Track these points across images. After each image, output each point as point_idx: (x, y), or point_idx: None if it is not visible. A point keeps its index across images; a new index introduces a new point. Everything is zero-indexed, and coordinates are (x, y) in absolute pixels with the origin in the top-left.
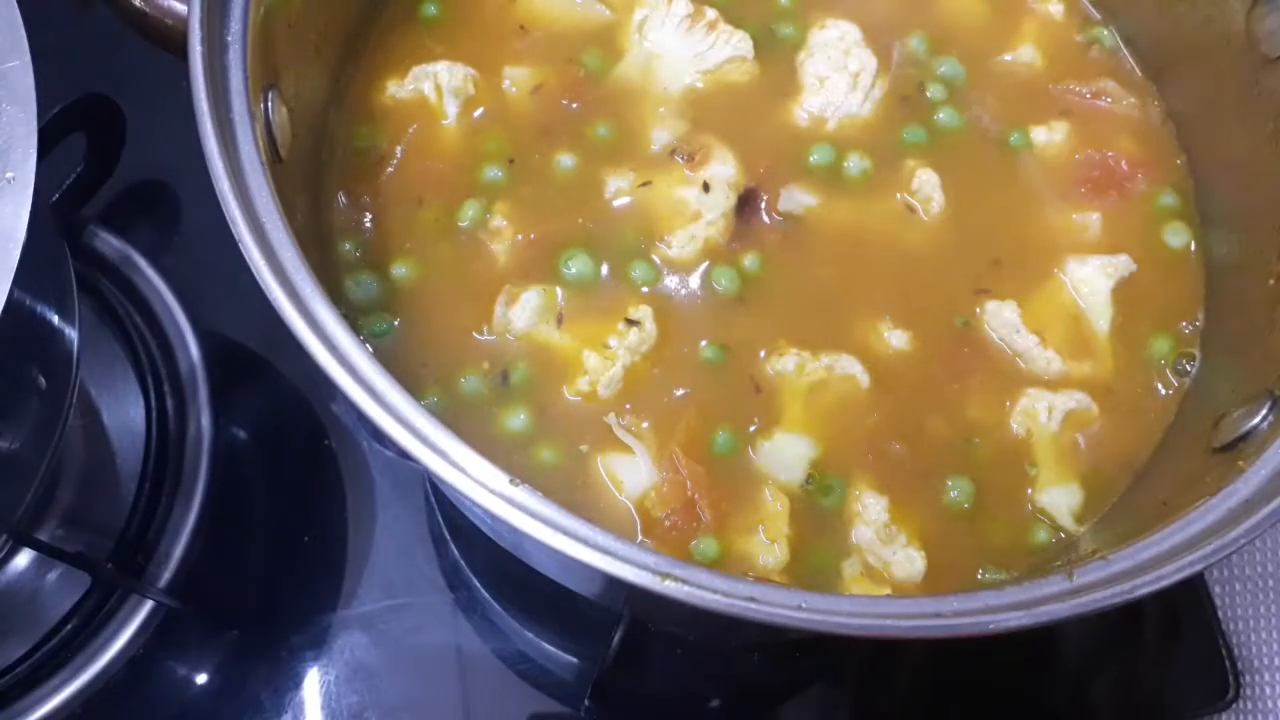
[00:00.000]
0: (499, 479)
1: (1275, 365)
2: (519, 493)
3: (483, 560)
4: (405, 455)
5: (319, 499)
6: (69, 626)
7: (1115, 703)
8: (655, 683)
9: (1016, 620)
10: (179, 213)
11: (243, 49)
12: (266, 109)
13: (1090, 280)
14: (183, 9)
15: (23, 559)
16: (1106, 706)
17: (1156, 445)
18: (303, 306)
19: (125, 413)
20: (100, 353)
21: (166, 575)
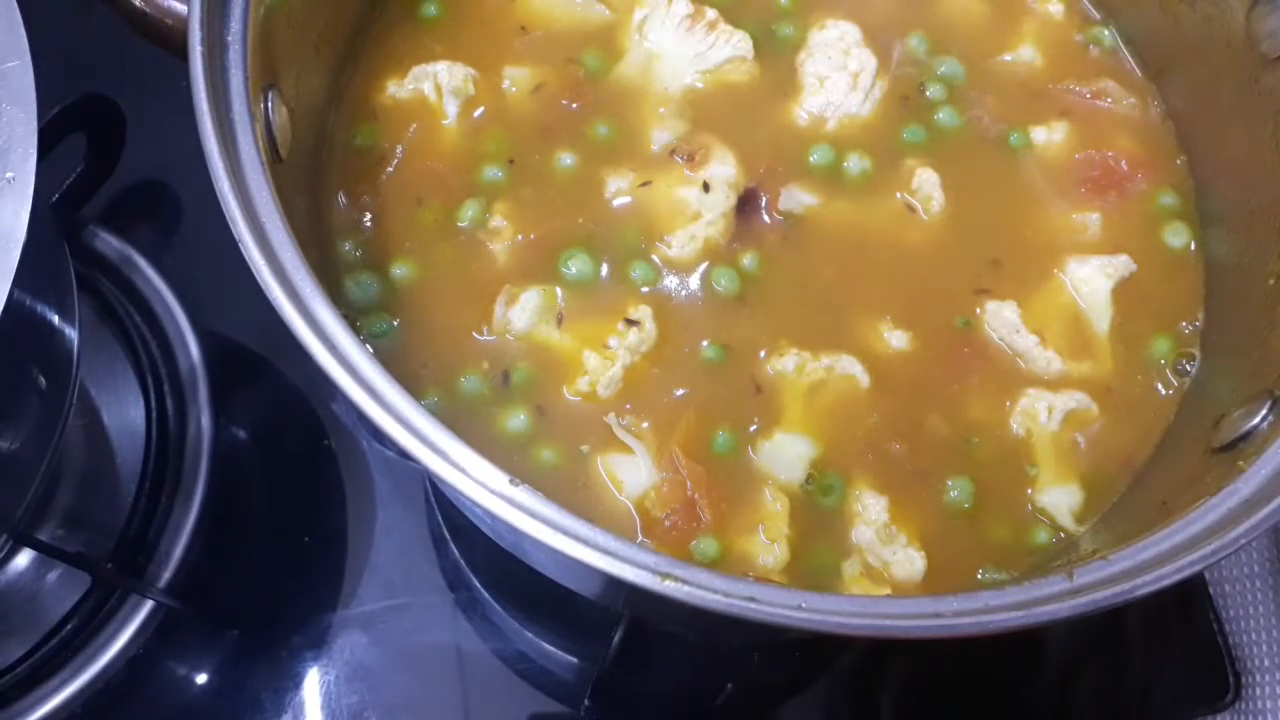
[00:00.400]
0: (499, 479)
1: (1275, 365)
2: (519, 493)
3: (483, 560)
4: (405, 455)
5: (319, 499)
6: (69, 626)
7: (1116, 703)
8: (655, 682)
9: (1016, 620)
10: (179, 213)
11: (243, 49)
12: (266, 109)
13: (1090, 280)
14: (183, 9)
15: (23, 559)
16: (1107, 707)
17: (1156, 445)
18: (303, 306)
19: (125, 413)
20: (100, 353)
21: (166, 575)
